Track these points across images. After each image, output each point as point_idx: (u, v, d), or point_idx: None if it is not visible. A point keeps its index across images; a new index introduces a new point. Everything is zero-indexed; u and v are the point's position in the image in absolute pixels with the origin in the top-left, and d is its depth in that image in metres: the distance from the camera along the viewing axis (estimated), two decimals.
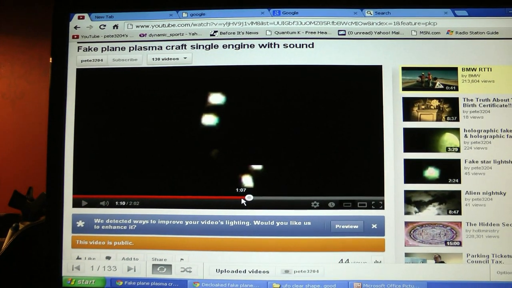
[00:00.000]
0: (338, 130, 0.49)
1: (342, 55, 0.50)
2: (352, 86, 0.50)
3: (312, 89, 0.50)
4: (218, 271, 0.50)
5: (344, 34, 0.51)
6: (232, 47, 0.51)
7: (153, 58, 0.51)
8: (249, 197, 0.49)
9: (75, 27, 0.53)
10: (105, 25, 0.53)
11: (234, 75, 0.50)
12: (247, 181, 0.49)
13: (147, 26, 0.52)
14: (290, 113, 0.50)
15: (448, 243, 0.49)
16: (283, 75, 0.50)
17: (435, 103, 0.50)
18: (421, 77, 0.50)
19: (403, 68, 0.50)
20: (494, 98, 0.49)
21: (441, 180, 0.49)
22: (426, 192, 0.49)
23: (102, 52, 0.52)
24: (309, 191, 0.49)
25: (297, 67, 0.50)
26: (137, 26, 0.52)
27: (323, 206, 0.49)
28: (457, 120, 0.50)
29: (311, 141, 0.49)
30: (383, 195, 0.49)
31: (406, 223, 0.49)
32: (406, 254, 0.49)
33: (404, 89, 0.50)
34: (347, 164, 0.49)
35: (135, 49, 0.52)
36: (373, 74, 0.50)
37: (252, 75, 0.51)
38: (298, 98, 0.50)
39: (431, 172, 0.49)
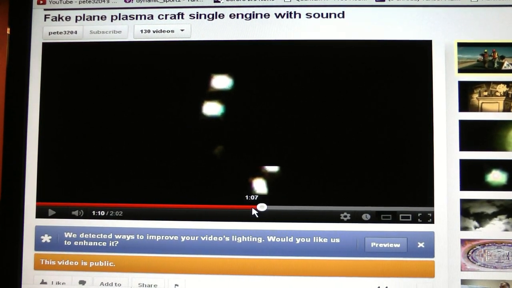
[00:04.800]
0: (375, 123, 0.47)
1: (381, 27, 0.48)
2: (393, 67, 0.47)
3: (342, 71, 0.47)
4: None
5: (383, 0, 0.48)
6: (242, 17, 0.49)
7: (141, 30, 0.49)
8: (262, 207, 0.47)
9: None
10: None
11: (244, 53, 0.48)
12: (260, 186, 0.47)
13: None
14: (314, 101, 0.47)
15: None
16: (305, 53, 0.48)
17: (501, 88, 0.47)
18: (483, 56, 0.47)
19: (460, 44, 0.47)
20: None
21: (509, 186, 0.46)
22: (490, 202, 0.46)
23: (76, 22, 0.50)
24: (338, 200, 0.47)
25: (323, 42, 0.48)
26: None
27: (356, 218, 0.46)
28: None
29: (341, 137, 0.47)
30: (432, 205, 0.46)
31: (463, 242, 0.46)
32: (463, 282, 0.46)
33: (460, 70, 0.47)
34: (386, 166, 0.46)
35: (119, 19, 0.49)
36: (420, 51, 0.47)
37: (266, 52, 0.48)
38: (324, 82, 0.47)
39: (496, 176, 0.46)
